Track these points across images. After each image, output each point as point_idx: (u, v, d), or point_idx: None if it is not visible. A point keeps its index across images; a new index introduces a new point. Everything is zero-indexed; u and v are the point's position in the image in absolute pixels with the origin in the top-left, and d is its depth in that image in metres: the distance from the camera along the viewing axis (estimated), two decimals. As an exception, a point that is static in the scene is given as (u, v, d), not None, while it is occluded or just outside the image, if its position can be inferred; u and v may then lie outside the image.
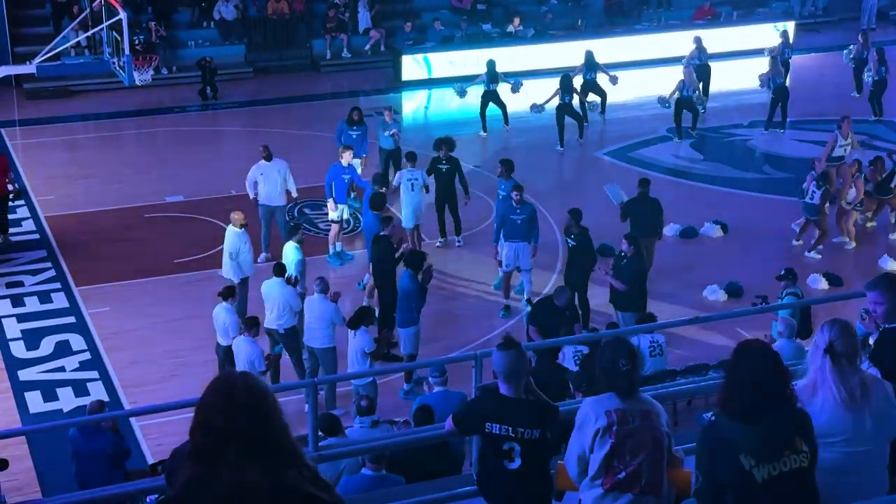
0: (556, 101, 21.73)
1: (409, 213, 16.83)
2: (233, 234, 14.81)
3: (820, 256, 17.26)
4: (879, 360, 5.71)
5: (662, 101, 23.01)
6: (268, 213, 16.70)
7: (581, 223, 14.92)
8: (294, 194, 17.07)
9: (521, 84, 23.39)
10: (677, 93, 22.38)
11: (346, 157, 17.00)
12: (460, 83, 23.64)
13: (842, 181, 17.55)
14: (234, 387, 3.39)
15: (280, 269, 13.58)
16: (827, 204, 17.14)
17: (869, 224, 18.30)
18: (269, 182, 16.69)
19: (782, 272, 13.91)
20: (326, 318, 12.95)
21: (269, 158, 16.81)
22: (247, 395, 3.36)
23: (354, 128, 18.81)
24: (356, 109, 19.11)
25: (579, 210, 15.09)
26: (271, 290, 13.49)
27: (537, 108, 22.44)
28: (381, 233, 14.61)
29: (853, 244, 17.60)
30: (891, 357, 5.72)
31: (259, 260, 16.08)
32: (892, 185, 17.85)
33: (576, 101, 22.23)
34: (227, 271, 14.84)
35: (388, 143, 18.93)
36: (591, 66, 23.15)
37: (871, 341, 6.23)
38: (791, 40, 25.72)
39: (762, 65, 23.97)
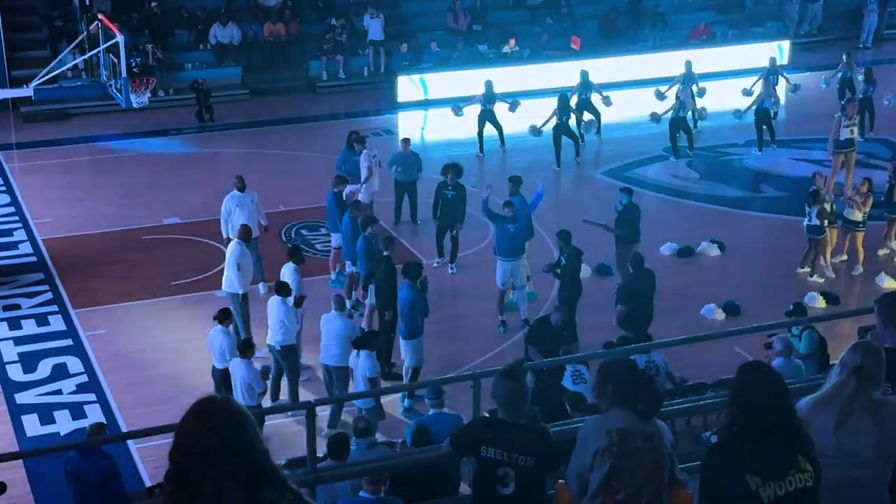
0: (553, 122, 21.80)
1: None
2: (236, 246, 14.83)
3: (833, 276, 17.16)
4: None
5: (654, 116, 23.08)
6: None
7: (571, 243, 15.02)
8: (265, 223, 16.77)
9: (519, 103, 23.47)
10: (671, 112, 22.45)
11: (339, 188, 16.88)
12: (457, 103, 23.60)
13: (852, 204, 17.33)
14: (213, 410, 3.38)
15: (282, 288, 13.61)
16: (826, 223, 17.06)
17: (881, 252, 18.09)
18: (245, 213, 16.40)
19: (791, 308, 13.74)
20: (343, 335, 12.98)
21: (242, 189, 16.56)
22: (226, 419, 3.36)
23: (356, 152, 18.53)
24: (355, 133, 18.95)
25: (567, 231, 15.19)
26: (271, 307, 13.63)
27: (536, 131, 22.45)
28: (385, 253, 14.60)
29: (860, 269, 17.46)
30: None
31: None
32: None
33: (573, 120, 22.29)
34: (231, 284, 14.85)
35: (404, 175, 18.69)
36: (586, 85, 23.23)
37: None
38: (779, 63, 25.77)
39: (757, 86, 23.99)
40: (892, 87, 23.68)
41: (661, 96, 23.83)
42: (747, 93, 24.02)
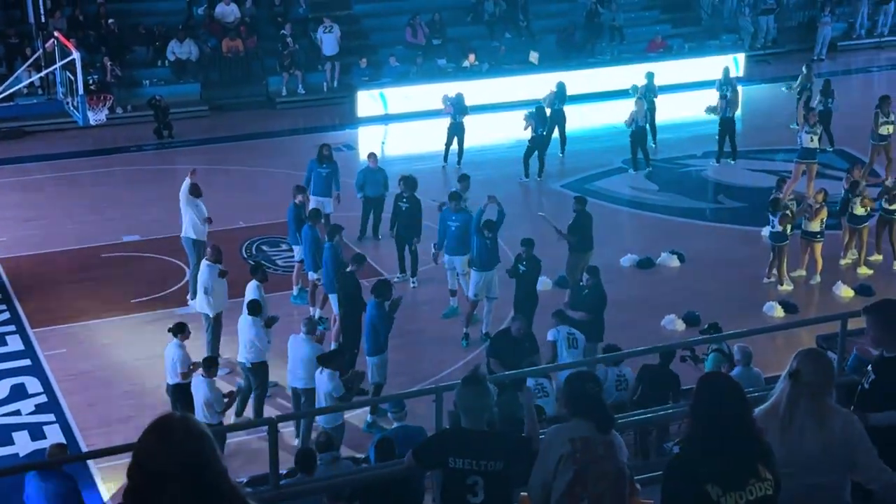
0: (529, 133, 21.85)
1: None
2: (206, 268, 14.80)
3: (791, 287, 17.30)
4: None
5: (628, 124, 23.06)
6: (202, 247, 16.29)
7: (533, 252, 15.12)
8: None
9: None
10: (634, 124, 22.45)
11: (300, 199, 16.92)
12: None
13: (808, 215, 17.48)
14: (171, 429, 3.37)
15: (254, 307, 13.58)
16: (789, 229, 17.18)
17: (843, 262, 18.21)
18: (201, 215, 16.59)
19: (706, 326, 13.90)
20: (310, 358, 12.90)
21: (198, 194, 16.58)
22: (184, 437, 3.35)
23: (324, 165, 18.49)
24: (326, 146, 18.93)
25: (531, 239, 15.35)
26: (241, 326, 13.66)
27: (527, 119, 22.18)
28: (350, 269, 14.58)
29: (818, 278, 17.56)
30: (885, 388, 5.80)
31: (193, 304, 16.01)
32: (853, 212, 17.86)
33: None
34: (202, 306, 14.81)
35: (371, 190, 18.61)
36: (561, 96, 23.17)
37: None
38: (733, 74, 25.90)
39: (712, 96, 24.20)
40: (848, 98, 23.90)
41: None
42: (712, 110, 23.94)
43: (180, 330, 13.10)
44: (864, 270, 17.93)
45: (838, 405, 5.34)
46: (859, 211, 17.79)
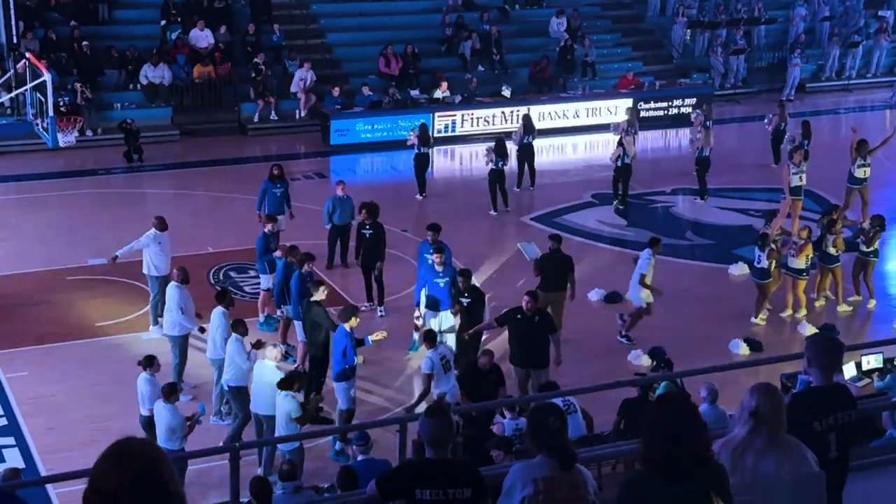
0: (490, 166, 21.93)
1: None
2: (175, 290, 14.72)
3: (764, 323, 17.37)
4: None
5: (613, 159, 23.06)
6: (164, 282, 16.07)
7: (472, 282, 15.14)
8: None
9: None
10: (620, 161, 22.45)
11: (269, 228, 16.88)
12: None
13: (794, 252, 17.43)
14: (128, 453, 3.36)
15: (237, 325, 13.65)
16: (773, 265, 17.23)
17: (818, 303, 18.16)
18: (166, 252, 16.41)
19: (653, 363, 13.97)
20: (275, 384, 12.83)
21: (164, 228, 16.46)
22: (141, 461, 3.33)
23: (278, 184, 18.71)
24: (277, 166, 19.16)
25: (469, 270, 15.43)
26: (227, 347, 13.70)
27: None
28: (313, 298, 14.52)
29: (796, 314, 17.54)
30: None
31: (155, 330, 16.02)
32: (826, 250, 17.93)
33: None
34: (170, 328, 14.74)
35: (339, 218, 18.53)
36: (528, 129, 23.29)
37: None
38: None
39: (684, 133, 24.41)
40: (816, 138, 24.09)
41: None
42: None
43: (149, 363, 12.97)
44: (843, 308, 17.99)
45: (792, 436, 5.34)
46: (832, 251, 17.90)
